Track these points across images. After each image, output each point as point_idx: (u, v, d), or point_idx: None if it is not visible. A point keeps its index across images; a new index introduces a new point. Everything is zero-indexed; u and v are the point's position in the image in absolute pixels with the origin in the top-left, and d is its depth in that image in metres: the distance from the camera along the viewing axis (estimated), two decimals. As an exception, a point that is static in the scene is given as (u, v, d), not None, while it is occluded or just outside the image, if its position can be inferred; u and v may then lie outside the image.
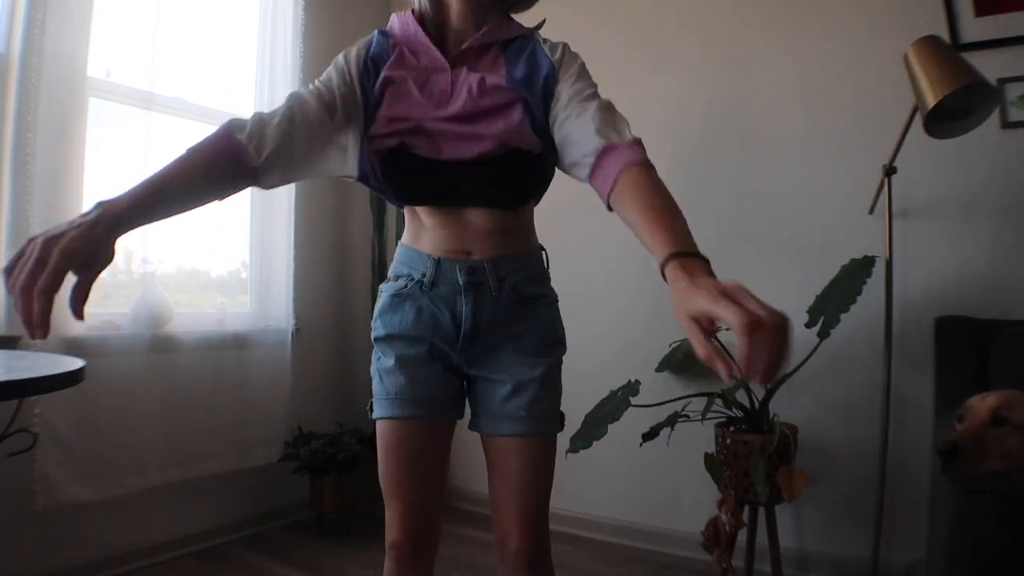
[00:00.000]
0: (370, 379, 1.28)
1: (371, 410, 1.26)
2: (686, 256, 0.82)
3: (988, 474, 1.18)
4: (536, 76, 1.14)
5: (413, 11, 1.22)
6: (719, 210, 2.53)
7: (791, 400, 2.29)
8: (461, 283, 1.17)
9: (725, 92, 2.53)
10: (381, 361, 1.25)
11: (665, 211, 0.93)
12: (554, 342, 1.24)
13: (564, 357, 1.25)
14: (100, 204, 0.91)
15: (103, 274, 0.90)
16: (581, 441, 2.16)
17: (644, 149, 1.03)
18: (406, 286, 1.21)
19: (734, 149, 2.51)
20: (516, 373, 1.18)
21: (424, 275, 1.19)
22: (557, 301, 1.28)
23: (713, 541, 2.05)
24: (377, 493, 1.22)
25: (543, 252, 1.29)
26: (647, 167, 1.01)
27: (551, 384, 1.22)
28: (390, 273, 1.27)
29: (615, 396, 2.22)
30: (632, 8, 2.75)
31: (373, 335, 1.26)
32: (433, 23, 1.20)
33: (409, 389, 1.19)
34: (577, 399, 1.86)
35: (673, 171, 2.77)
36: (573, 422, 2.20)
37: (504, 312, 1.19)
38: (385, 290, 1.25)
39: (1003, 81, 2.03)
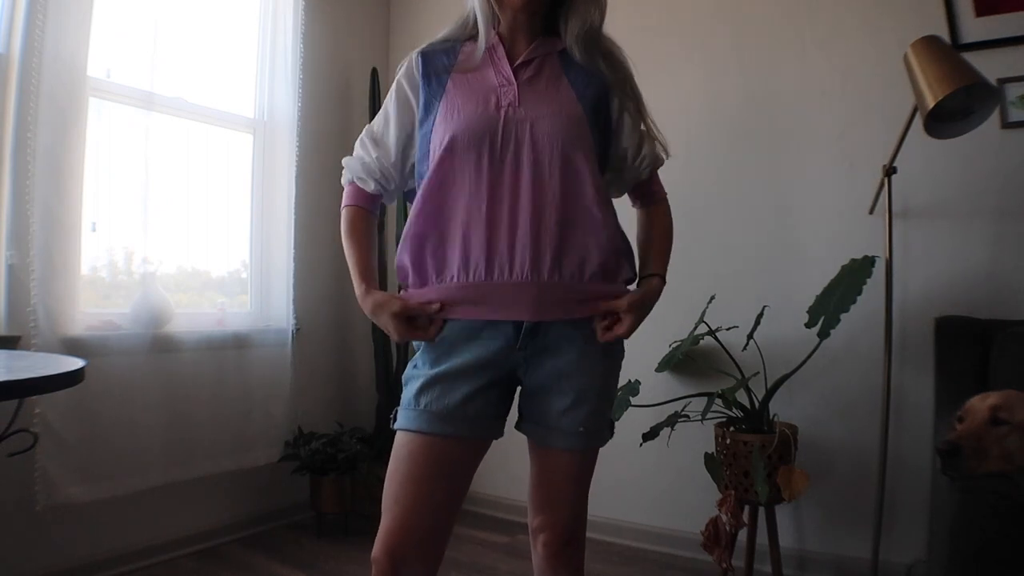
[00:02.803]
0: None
1: (394, 419, 1.16)
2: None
3: (988, 474, 1.17)
4: (592, 93, 1.21)
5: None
6: (720, 210, 2.53)
7: (791, 400, 2.29)
8: None
9: (724, 93, 2.53)
10: (419, 369, 1.17)
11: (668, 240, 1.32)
12: (618, 345, 1.25)
13: None
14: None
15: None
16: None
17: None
18: None
19: (734, 150, 2.51)
20: (578, 380, 1.16)
21: None
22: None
23: (713, 541, 2.05)
24: (377, 493, 1.21)
25: None
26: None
27: (609, 393, 1.24)
28: None
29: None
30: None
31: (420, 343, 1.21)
32: (488, 17, 1.19)
33: (444, 403, 1.12)
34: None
35: (675, 169, 2.78)
36: (573, 422, 2.21)
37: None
38: None
39: (1003, 81, 2.02)
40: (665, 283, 1.28)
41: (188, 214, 2.58)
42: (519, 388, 1.22)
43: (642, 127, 1.30)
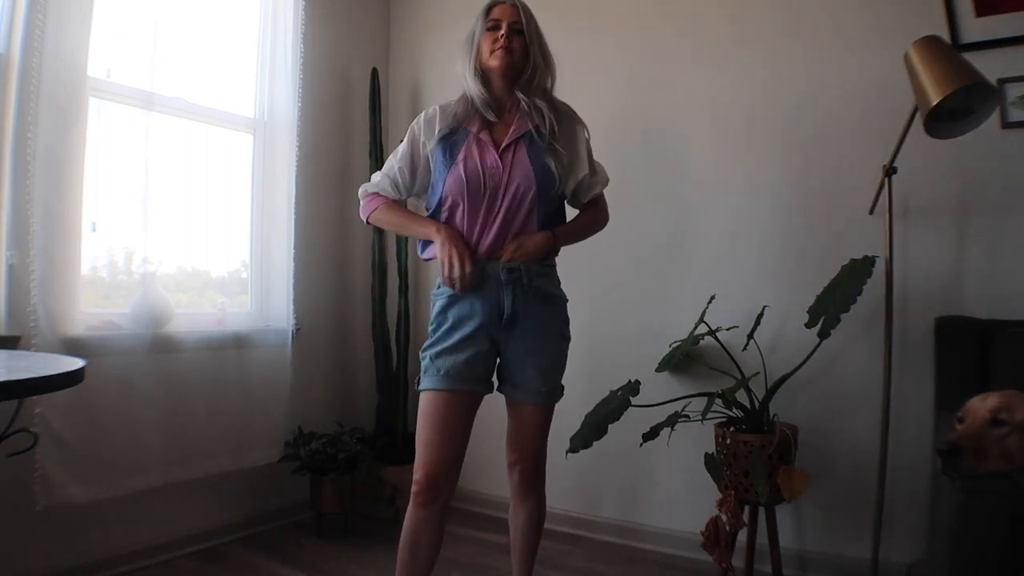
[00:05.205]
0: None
1: (418, 383, 1.64)
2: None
3: (988, 474, 1.17)
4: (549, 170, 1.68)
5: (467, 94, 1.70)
6: (719, 210, 2.53)
7: (791, 400, 2.29)
8: (503, 279, 1.61)
9: (724, 93, 2.53)
10: (434, 347, 1.63)
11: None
12: (566, 333, 1.73)
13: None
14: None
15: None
16: (581, 441, 2.16)
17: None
18: None
19: (733, 149, 2.51)
20: (542, 361, 1.65)
21: None
22: (567, 302, 1.74)
23: (713, 541, 2.05)
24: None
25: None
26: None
27: (562, 367, 1.72)
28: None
29: (615, 396, 2.22)
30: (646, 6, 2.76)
31: (433, 327, 1.66)
32: (484, 103, 1.67)
33: (454, 370, 1.58)
34: (577, 399, 1.87)
35: (675, 168, 2.79)
36: (573, 422, 2.21)
37: (531, 305, 1.64)
38: (441, 294, 1.66)
39: (1003, 81, 2.02)
40: (555, 240, 1.68)
41: (188, 214, 2.58)
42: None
43: (587, 171, 1.74)
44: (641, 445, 2.22)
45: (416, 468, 1.60)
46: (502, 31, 1.65)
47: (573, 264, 1.79)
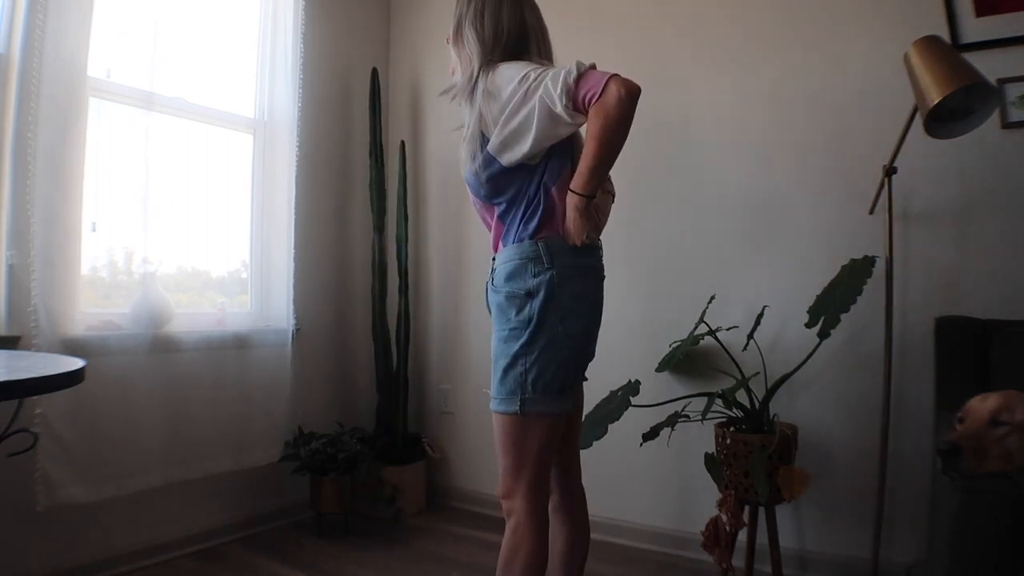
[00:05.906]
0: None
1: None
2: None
3: (988, 474, 1.17)
4: None
5: None
6: (719, 210, 2.53)
7: (791, 400, 2.29)
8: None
9: (724, 92, 2.53)
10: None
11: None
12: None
13: None
14: None
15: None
16: (582, 440, 2.16)
17: None
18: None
19: (733, 149, 2.51)
20: None
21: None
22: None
23: (713, 541, 2.05)
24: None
25: None
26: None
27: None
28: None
29: (615, 396, 2.22)
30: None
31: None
32: None
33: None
34: (577, 399, 1.87)
35: (676, 167, 2.78)
36: (573, 422, 2.21)
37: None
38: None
39: (1003, 81, 2.02)
40: (583, 196, 1.40)
41: (188, 214, 2.58)
42: None
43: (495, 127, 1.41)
44: (641, 445, 2.22)
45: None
46: None
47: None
